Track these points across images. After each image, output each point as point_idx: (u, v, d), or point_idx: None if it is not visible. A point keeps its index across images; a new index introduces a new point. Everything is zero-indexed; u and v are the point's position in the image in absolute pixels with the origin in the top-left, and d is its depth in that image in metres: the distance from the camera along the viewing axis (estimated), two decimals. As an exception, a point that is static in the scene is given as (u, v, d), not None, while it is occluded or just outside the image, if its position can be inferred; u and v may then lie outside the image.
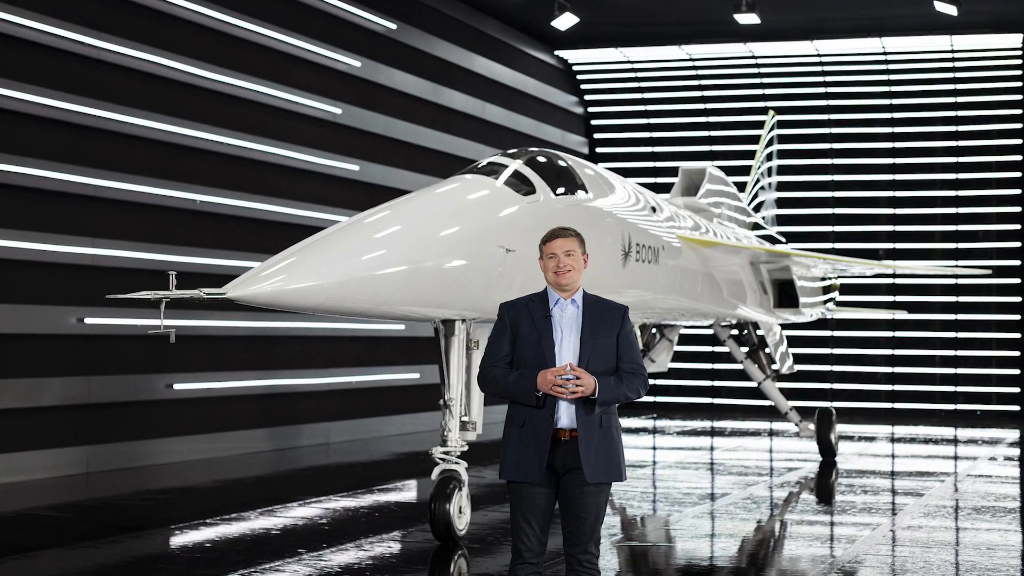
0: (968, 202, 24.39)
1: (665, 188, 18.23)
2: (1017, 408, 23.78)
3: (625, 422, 20.98)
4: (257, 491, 13.11)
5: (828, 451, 16.04)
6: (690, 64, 25.54)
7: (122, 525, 10.65)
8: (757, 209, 18.83)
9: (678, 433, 20.61)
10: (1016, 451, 18.47)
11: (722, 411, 24.78)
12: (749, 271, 15.48)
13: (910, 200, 24.71)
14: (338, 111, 17.86)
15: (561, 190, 10.15)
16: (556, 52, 25.11)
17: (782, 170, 21.94)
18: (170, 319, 8.44)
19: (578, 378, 5.69)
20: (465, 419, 9.78)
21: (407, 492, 13.14)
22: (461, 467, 9.56)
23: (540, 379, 5.72)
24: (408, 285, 8.43)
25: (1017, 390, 23.88)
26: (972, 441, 19.61)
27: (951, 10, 20.23)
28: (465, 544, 9.50)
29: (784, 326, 17.67)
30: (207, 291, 8.19)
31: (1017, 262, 23.94)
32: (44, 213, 13.38)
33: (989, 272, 20.81)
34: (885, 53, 24.48)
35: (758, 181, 19.27)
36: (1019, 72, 24.14)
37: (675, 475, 14.82)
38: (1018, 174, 24.15)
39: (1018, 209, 24.08)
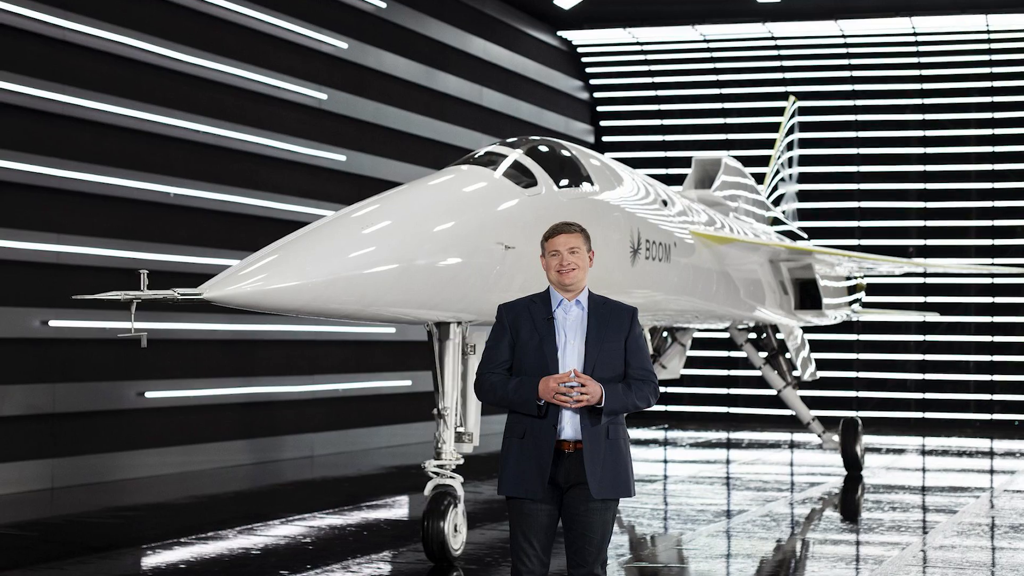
0: (1006, 195, 24.40)
1: (677, 180, 18.23)
2: (1058, 418, 23.83)
3: (634, 433, 21.00)
4: (236, 508, 13.12)
5: (853, 464, 16.06)
6: (704, 46, 25.56)
7: (89, 544, 10.65)
8: (777, 203, 18.85)
9: (691, 445, 20.62)
10: (1057, 464, 18.50)
11: (739, 421, 24.79)
12: (768, 270, 15.49)
13: (943, 193, 24.71)
14: (323, 96, 17.87)
15: (565, 182, 10.15)
16: (559, 33, 25.12)
17: (804, 160, 21.95)
18: (141, 322, 8.44)
19: (583, 385, 5.69)
20: (461, 430, 9.79)
21: (398, 509, 13.15)
22: (456, 482, 9.57)
23: (542, 387, 5.72)
24: (399, 285, 8.44)
25: (1058, 398, 23.93)
26: (1010, 453, 19.62)
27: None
28: (461, 565, 9.51)
29: (806, 329, 17.68)
30: (181, 291, 8.19)
31: (1058, 260, 23.98)
32: (4, 207, 13.38)
33: (1028, 271, 20.85)
34: (915, 34, 24.49)
35: (778, 172, 19.28)
36: (1060, 54, 24.18)
37: (688, 490, 14.83)
38: (1059, 165, 24.20)
39: (1059, 202, 24.14)
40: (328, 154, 17.92)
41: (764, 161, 20.57)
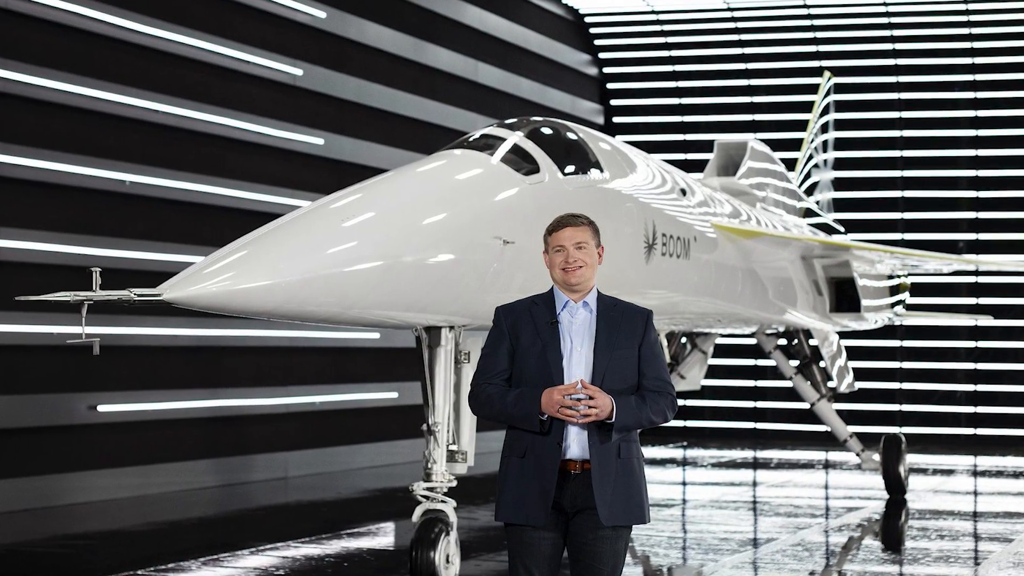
0: (1067, 183, 24.44)
1: (698, 166, 18.25)
2: None
3: (648, 451, 21.00)
4: (199, 536, 13.13)
5: (896, 487, 16.07)
6: (729, 15, 25.57)
7: (35, 577, 10.66)
8: (810, 192, 18.86)
9: (713, 465, 20.63)
10: (1126, 487, 18.52)
11: (767, 438, 24.79)
12: (800, 267, 15.50)
13: (996, 181, 24.71)
14: (298, 72, 17.87)
15: (570, 169, 10.16)
16: (564, 0, 25.13)
17: (840, 144, 21.97)
18: (93, 326, 8.44)
19: (591, 398, 5.69)
20: (453, 448, 9.79)
21: (383, 537, 13.15)
22: (449, 507, 9.57)
23: (545, 399, 5.72)
24: (384, 284, 8.44)
25: None
26: (1072, 475, 19.66)
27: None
28: (453, 600, 9.50)
29: (843, 334, 17.69)
30: (138, 292, 8.19)
31: None
32: (-61, 197, 13.40)
33: (1093, 269, 20.87)
34: (966, 1, 24.49)
35: (811, 158, 19.30)
36: None
37: (710, 516, 14.84)
38: None
39: None
40: (304, 137, 17.92)
41: (796, 145, 20.58)
